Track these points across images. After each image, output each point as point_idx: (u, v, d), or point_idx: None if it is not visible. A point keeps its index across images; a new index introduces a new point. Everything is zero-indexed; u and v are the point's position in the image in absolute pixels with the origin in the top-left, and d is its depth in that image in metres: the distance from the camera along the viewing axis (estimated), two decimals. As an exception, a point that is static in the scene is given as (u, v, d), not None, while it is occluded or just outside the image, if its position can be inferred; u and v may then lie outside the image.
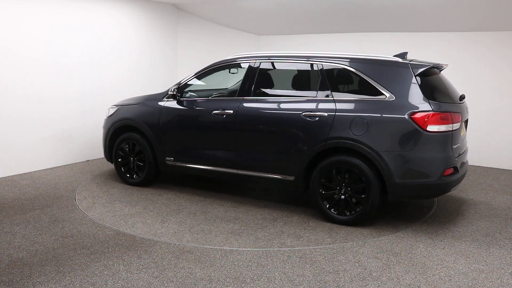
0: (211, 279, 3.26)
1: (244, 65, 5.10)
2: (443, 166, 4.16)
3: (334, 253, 3.76)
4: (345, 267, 3.51)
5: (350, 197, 4.39)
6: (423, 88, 4.20)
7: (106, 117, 5.88)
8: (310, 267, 3.50)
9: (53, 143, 6.45)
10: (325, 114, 4.42)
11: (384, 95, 4.27)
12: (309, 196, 4.63)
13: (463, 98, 4.75)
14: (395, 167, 4.15)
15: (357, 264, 3.57)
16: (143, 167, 5.54)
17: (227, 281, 3.24)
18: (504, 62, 7.00)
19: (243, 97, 4.92)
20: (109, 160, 5.87)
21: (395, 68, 4.34)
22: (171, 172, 5.78)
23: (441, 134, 4.15)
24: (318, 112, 4.46)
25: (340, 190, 4.41)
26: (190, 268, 3.44)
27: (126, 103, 5.76)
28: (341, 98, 4.45)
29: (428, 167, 4.15)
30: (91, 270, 3.35)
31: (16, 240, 3.88)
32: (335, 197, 4.44)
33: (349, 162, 4.32)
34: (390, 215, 4.74)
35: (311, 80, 4.83)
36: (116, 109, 5.75)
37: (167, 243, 3.90)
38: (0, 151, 5.81)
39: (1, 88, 5.70)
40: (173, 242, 3.91)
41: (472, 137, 6.27)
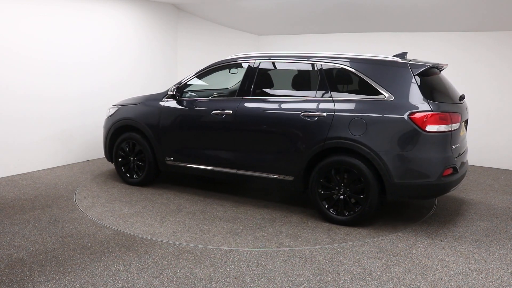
0: (211, 279, 3.27)
1: (243, 65, 5.10)
2: (442, 167, 4.16)
3: (334, 253, 3.76)
4: (345, 267, 3.51)
5: (349, 197, 4.38)
6: (422, 88, 4.20)
7: (106, 117, 5.89)
8: (310, 267, 3.50)
9: (53, 143, 6.45)
10: (324, 114, 4.42)
11: (383, 95, 4.27)
12: (308, 196, 4.63)
13: (463, 98, 4.75)
14: (394, 167, 4.14)
15: (357, 264, 3.57)
16: (143, 167, 5.55)
17: (227, 281, 3.25)
18: (504, 62, 7.00)
19: (242, 97, 4.93)
20: (109, 160, 5.88)
21: (394, 68, 4.33)
22: (171, 172, 5.78)
23: (440, 134, 4.14)
24: (317, 112, 4.46)
25: (339, 190, 4.41)
26: (190, 268, 3.44)
27: (126, 103, 5.77)
28: (340, 98, 4.44)
29: (427, 167, 4.14)
30: (91, 270, 3.36)
31: (16, 240, 3.89)
32: (334, 197, 4.44)
33: (348, 162, 4.31)
34: (389, 216, 4.74)
35: (310, 80, 4.83)
36: (117, 109, 5.76)
37: (167, 243, 3.90)
38: (0, 151, 5.81)
39: (1, 88, 5.71)
40: (172, 242, 3.92)
41: (472, 137, 6.27)
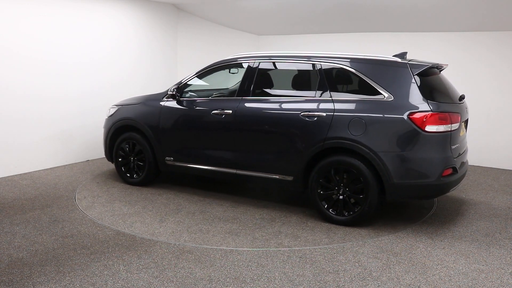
0: (211, 279, 3.27)
1: (243, 65, 5.10)
2: (442, 167, 4.15)
3: (334, 253, 3.76)
4: (345, 267, 3.51)
5: (349, 197, 4.38)
6: (422, 88, 4.19)
7: (107, 117, 5.90)
8: (310, 267, 3.50)
9: (53, 143, 6.45)
10: (324, 114, 4.42)
11: (382, 95, 4.26)
12: (308, 196, 4.63)
13: (463, 98, 4.75)
14: (393, 168, 4.14)
15: (357, 264, 3.57)
16: (143, 166, 5.56)
17: (227, 281, 3.25)
18: (504, 62, 7.00)
19: (242, 97, 4.93)
20: (109, 159, 5.88)
21: (394, 68, 4.33)
22: (171, 172, 5.79)
23: (440, 134, 4.13)
24: (317, 112, 4.45)
25: (339, 191, 4.40)
26: (190, 268, 3.44)
27: (126, 103, 5.77)
28: (340, 98, 4.44)
29: (427, 167, 4.14)
30: (91, 270, 3.36)
31: (16, 240, 3.89)
32: (333, 197, 4.44)
33: (347, 162, 4.31)
34: (389, 216, 4.74)
35: (309, 80, 4.83)
36: (117, 109, 5.76)
37: (167, 243, 3.90)
38: (0, 151, 5.81)
39: (1, 88, 5.71)
40: (171, 242, 3.92)
41: (472, 137, 6.27)
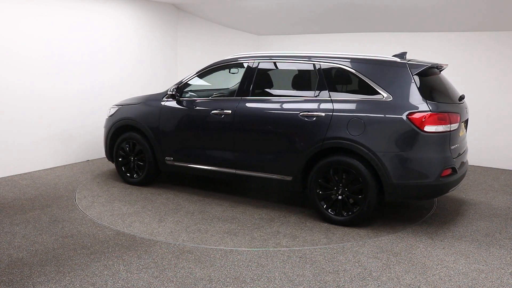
0: (211, 279, 3.27)
1: (243, 65, 5.10)
2: (441, 167, 4.14)
3: (334, 253, 3.76)
4: (345, 267, 3.52)
5: (347, 197, 4.38)
6: (421, 88, 4.18)
7: (107, 117, 5.90)
8: (310, 267, 3.50)
9: (53, 143, 6.45)
10: (323, 114, 4.41)
11: (381, 95, 4.25)
12: (307, 197, 4.63)
13: (463, 98, 4.74)
14: (392, 168, 4.13)
15: (357, 264, 3.57)
16: (143, 166, 5.56)
17: (227, 281, 3.25)
18: (504, 62, 7.00)
19: (241, 97, 4.93)
20: (110, 159, 5.89)
21: (393, 68, 4.32)
22: (171, 172, 5.79)
23: (439, 134, 4.13)
24: (316, 112, 4.45)
25: (338, 191, 4.40)
26: (190, 268, 3.44)
27: (127, 102, 5.77)
28: (339, 98, 4.43)
29: (426, 167, 4.13)
30: (91, 270, 3.36)
31: (16, 240, 3.89)
32: (332, 197, 4.43)
33: (346, 162, 4.31)
34: (388, 216, 4.74)
35: (309, 80, 4.82)
36: (117, 108, 5.77)
37: (166, 243, 3.91)
38: (0, 151, 5.81)
39: (1, 88, 5.71)
40: (170, 242, 3.92)
41: (472, 137, 6.27)
